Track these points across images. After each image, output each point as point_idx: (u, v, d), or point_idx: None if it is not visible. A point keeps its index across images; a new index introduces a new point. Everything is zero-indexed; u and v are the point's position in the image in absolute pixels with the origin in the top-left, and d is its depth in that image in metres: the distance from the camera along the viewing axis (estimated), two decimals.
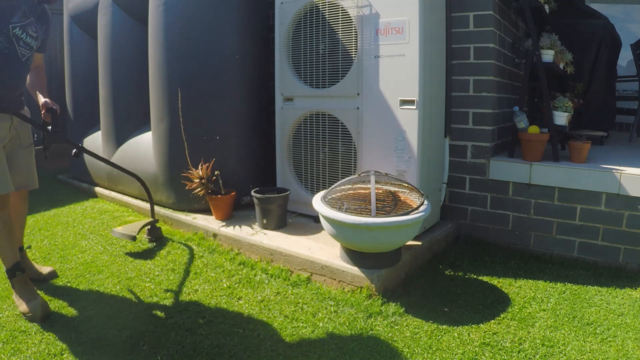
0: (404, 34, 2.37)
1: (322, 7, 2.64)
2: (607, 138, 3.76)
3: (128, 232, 2.72)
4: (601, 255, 2.50)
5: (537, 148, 2.68)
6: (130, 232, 2.71)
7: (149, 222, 2.87)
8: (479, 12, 2.67)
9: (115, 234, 2.77)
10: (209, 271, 2.44)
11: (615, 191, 2.41)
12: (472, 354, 1.71)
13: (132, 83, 3.54)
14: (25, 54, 2.03)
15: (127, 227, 2.81)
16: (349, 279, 2.19)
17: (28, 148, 2.19)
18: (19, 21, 1.94)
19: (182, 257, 2.62)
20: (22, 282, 2.05)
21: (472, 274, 2.42)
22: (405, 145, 2.45)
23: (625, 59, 5.28)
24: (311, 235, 2.64)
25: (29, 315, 1.95)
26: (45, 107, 2.08)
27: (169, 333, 1.86)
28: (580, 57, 3.58)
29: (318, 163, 2.79)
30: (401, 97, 2.43)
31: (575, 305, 2.09)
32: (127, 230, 2.76)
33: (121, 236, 2.74)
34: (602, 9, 4.30)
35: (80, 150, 2.32)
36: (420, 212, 2.10)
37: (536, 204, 2.66)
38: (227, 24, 2.99)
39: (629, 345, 1.76)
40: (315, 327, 1.90)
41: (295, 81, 2.82)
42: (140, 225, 2.81)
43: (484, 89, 2.72)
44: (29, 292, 2.02)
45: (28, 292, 2.02)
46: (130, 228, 2.79)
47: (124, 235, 2.72)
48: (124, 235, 2.72)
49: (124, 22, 3.52)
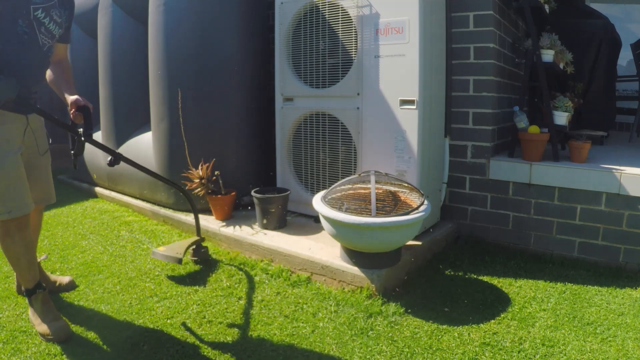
0: (404, 34, 2.37)
1: (322, 7, 2.63)
2: (607, 138, 3.76)
3: (172, 254, 2.37)
4: (601, 255, 2.50)
5: (537, 148, 2.68)
6: (174, 254, 2.37)
7: (194, 242, 2.55)
8: (479, 12, 2.67)
9: (156, 256, 2.43)
10: (209, 271, 2.44)
11: (616, 191, 2.41)
12: (472, 354, 1.71)
13: (132, 83, 3.54)
14: (46, 43, 1.75)
15: (170, 248, 2.47)
16: (349, 279, 2.19)
17: (44, 155, 1.93)
18: (41, 1, 1.67)
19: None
20: (43, 300, 1.86)
21: (472, 274, 2.42)
22: (405, 145, 2.45)
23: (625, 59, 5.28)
24: (311, 235, 2.63)
25: (49, 337, 1.77)
26: (76, 106, 1.80)
27: (169, 333, 1.86)
28: (580, 57, 3.58)
29: (318, 163, 2.79)
30: (401, 97, 2.43)
31: (575, 305, 2.09)
32: (171, 251, 2.41)
33: (163, 259, 2.40)
34: (602, 9, 4.30)
35: (118, 157, 1.97)
36: (420, 212, 2.10)
37: (536, 203, 2.66)
38: (227, 24, 2.99)
39: (629, 345, 1.76)
40: (315, 327, 1.90)
41: (295, 81, 2.82)
42: (185, 246, 2.47)
43: (484, 88, 2.72)
44: (51, 312, 1.84)
45: (49, 312, 1.83)
46: (174, 249, 2.45)
47: (167, 258, 2.38)
48: (166, 257, 2.38)
49: (124, 22, 3.52)
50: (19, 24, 1.62)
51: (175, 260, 2.35)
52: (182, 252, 2.39)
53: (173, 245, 2.51)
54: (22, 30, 1.63)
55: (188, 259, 2.55)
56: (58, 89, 1.89)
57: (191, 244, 2.52)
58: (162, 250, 2.42)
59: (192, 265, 2.52)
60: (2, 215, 1.70)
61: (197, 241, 2.56)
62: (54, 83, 1.90)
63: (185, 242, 2.54)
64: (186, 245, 2.49)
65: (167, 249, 2.43)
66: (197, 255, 2.55)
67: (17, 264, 1.81)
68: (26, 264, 1.80)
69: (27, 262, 1.80)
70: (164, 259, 2.40)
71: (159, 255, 2.41)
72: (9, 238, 1.75)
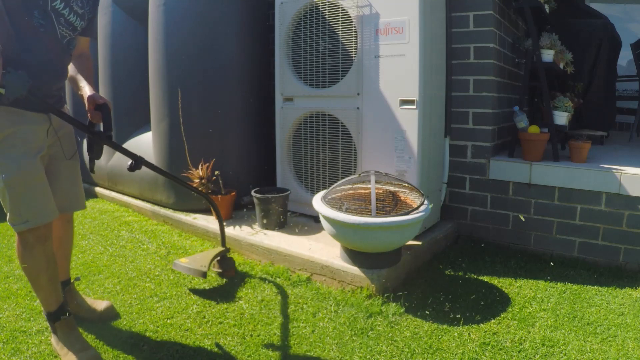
0: (404, 33, 2.37)
1: (322, 7, 2.63)
2: (607, 138, 3.76)
3: (196, 267, 2.19)
4: (601, 255, 2.50)
5: (537, 148, 2.68)
6: (198, 267, 2.18)
7: (219, 253, 2.35)
8: (479, 12, 2.67)
9: (178, 268, 2.25)
10: (208, 271, 2.44)
11: (616, 191, 2.41)
12: (472, 354, 1.71)
13: (132, 83, 3.54)
14: (66, 35, 1.59)
15: (193, 260, 2.27)
16: (349, 279, 2.19)
17: (73, 159, 1.77)
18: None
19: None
20: (69, 326, 1.68)
21: (472, 273, 2.42)
22: (405, 145, 2.45)
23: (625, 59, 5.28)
24: (311, 235, 2.63)
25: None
26: (93, 103, 1.62)
27: (169, 333, 1.86)
28: (580, 57, 3.58)
29: (318, 163, 2.79)
30: (401, 97, 2.43)
31: (575, 305, 2.09)
32: (194, 263, 2.23)
33: (186, 271, 2.22)
34: (602, 9, 4.30)
35: (139, 162, 1.76)
36: (420, 212, 2.10)
37: (536, 203, 2.66)
38: (227, 24, 2.99)
39: (629, 345, 1.76)
40: (315, 327, 1.90)
41: (295, 81, 2.82)
42: (209, 257, 2.28)
43: (484, 88, 2.72)
44: (77, 340, 1.66)
45: (76, 340, 1.66)
46: (198, 260, 2.26)
47: (189, 271, 2.20)
48: (189, 270, 2.20)
49: (124, 22, 3.52)
50: (34, 15, 1.49)
51: (199, 273, 2.17)
52: (207, 265, 2.20)
53: (196, 257, 2.32)
54: (37, 22, 1.49)
55: (212, 271, 2.37)
56: (75, 83, 1.72)
57: (216, 255, 2.33)
58: (184, 262, 2.23)
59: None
60: (18, 226, 1.54)
61: (222, 252, 2.36)
62: (71, 78, 1.73)
63: (210, 252, 2.35)
64: (211, 256, 2.29)
65: (190, 261, 2.26)
66: (222, 267, 2.37)
67: (37, 282, 1.61)
68: (47, 282, 1.61)
69: (49, 279, 1.61)
70: (186, 271, 2.22)
71: (181, 267, 2.24)
72: (28, 252, 1.57)
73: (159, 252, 2.72)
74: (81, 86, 1.69)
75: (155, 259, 2.60)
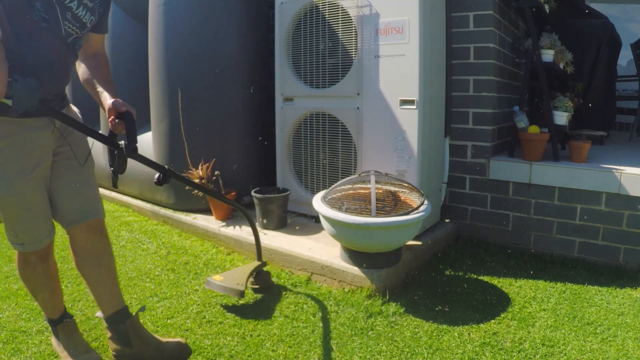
0: (404, 33, 2.37)
1: (322, 7, 2.63)
2: (607, 138, 3.76)
3: (232, 286, 2.02)
4: (601, 255, 2.50)
5: (537, 148, 2.68)
6: (235, 286, 2.02)
7: (255, 267, 2.19)
8: (479, 12, 2.67)
9: (212, 287, 2.08)
10: (209, 271, 2.44)
11: (616, 191, 2.41)
12: (472, 354, 1.71)
13: (132, 83, 3.54)
14: (72, 33, 1.40)
15: (228, 277, 2.11)
16: (349, 278, 2.19)
17: (86, 165, 1.59)
18: None
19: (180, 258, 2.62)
20: (71, 329, 1.65)
21: (472, 274, 2.42)
22: (405, 145, 2.45)
23: (625, 59, 5.28)
24: (311, 235, 2.63)
25: None
26: (116, 112, 1.40)
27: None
28: (580, 57, 3.58)
29: (318, 163, 2.79)
30: (401, 97, 2.43)
31: (575, 305, 2.09)
32: (230, 281, 2.06)
33: (222, 291, 2.06)
34: (602, 9, 4.30)
35: (167, 175, 1.61)
36: (420, 212, 2.10)
37: (536, 203, 2.66)
38: (227, 24, 2.99)
39: (629, 345, 1.76)
40: (315, 327, 1.90)
41: (295, 81, 2.82)
42: (245, 274, 2.12)
43: (484, 88, 2.72)
44: (80, 344, 1.62)
45: (79, 344, 1.62)
46: (234, 278, 2.09)
47: (225, 290, 2.04)
48: (225, 289, 2.03)
49: (124, 22, 3.52)
50: (35, 7, 1.29)
51: (236, 293, 2.01)
52: (244, 283, 2.05)
53: (231, 273, 2.16)
54: (39, 16, 1.29)
55: (249, 287, 2.20)
56: (93, 89, 1.50)
57: (252, 271, 2.16)
58: (219, 281, 2.07)
59: (192, 266, 2.52)
60: (16, 246, 1.50)
61: (258, 266, 2.20)
62: (88, 82, 1.52)
63: (246, 268, 2.19)
64: (247, 272, 2.13)
65: (225, 279, 2.09)
66: (259, 282, 2.21)
67: (38, 296, 1.60)
68: (49, 296, 1.58)
69: (50, 293, 1.58)
70: (222, 291, 2.05)
71: (215, 286, 2.07)
72: (30, 269, 1.54)
73: (159, 252, 2.72)
74: (99, 92, 1.48)
75: (155, 259, 2.60)
